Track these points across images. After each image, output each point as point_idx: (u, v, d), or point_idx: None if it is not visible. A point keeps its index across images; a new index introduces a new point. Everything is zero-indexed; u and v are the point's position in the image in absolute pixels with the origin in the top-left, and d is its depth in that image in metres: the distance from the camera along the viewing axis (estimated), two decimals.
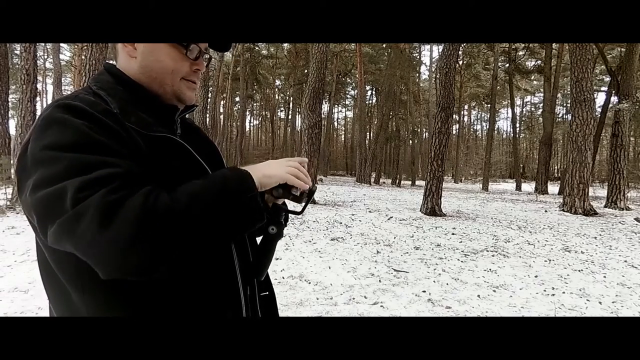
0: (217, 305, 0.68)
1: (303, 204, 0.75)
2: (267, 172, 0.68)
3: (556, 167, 39.33)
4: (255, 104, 42.69)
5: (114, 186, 0.53)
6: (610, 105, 14.81)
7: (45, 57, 26.50)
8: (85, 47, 7.38)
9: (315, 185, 0.78)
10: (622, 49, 15.06)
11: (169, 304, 0.63)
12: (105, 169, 0.55)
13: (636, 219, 8.80)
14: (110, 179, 0.54)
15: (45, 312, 0.73)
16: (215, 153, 0.82)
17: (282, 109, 41.35)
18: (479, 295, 3.55)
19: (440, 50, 11.71)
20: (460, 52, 18.90)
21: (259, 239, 0.78)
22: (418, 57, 30.46)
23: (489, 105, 28.14)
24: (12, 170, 7.68)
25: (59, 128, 0.58)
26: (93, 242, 0.51)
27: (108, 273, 0.53)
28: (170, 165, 0.66)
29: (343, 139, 49.00)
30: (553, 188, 23.01)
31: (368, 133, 28.79)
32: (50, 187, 0.54)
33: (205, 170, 0.70)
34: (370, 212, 9.04)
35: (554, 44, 20.49)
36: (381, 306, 3.22)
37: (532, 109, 41.77)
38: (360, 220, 7.64)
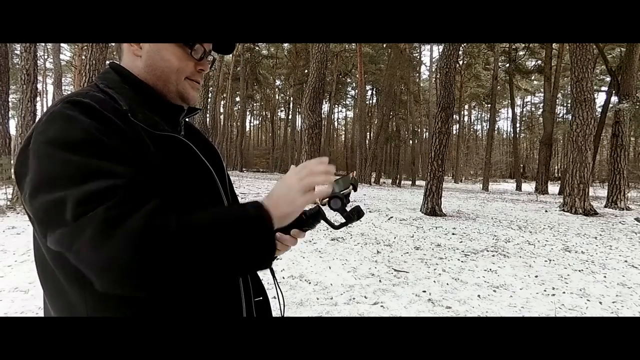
0: (216, 304, 0.68)
1: (343, 219, 0.73)
2: (285, 210, 0.63)
3: (556, 167, 39.32)
4: (255, 104, 42.70)
5: (115, 201, 0.52)
6: (611, 105, 14.82)
7: (45, 57, 26.50)
8: (86, 47, 7.38)
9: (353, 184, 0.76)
10: (622, 49, 15.06)
11: (168, 302, 0.63)
12: (108, 179, 0.53)
13: (636, 219, 8.79)
14: (112, 193, 0.52)
15: None
16: (215, 155, 0.82)
17: (282, 109, 41.34)
18: (479, 295, 3.55)
19: (440, 50, 11.71)
20: (460, 52, 18.87)
21: None
22: (418, 57, 30.47)
23: (489, 105, 28.14)
24: (13, 170, 7.67)
25: (66, 124, 0.56)
26: (88, 259, 0.51)
27: (102, 287, 0.53)
28: (176, 164, 0.65)
29: (343, 139, 48.95)
30: (553, 188, 23.00)
31: (368, 133, 28.77)
32: (49, 193, 0.53)
33: (209, 171, 0.71)
34: (370, 212, 9.04)
35: (554, 44, 20.50)
36: (381, 306, 3.22)
37: (532, 109, 41.82)
38: (360, 220, 7.63)
